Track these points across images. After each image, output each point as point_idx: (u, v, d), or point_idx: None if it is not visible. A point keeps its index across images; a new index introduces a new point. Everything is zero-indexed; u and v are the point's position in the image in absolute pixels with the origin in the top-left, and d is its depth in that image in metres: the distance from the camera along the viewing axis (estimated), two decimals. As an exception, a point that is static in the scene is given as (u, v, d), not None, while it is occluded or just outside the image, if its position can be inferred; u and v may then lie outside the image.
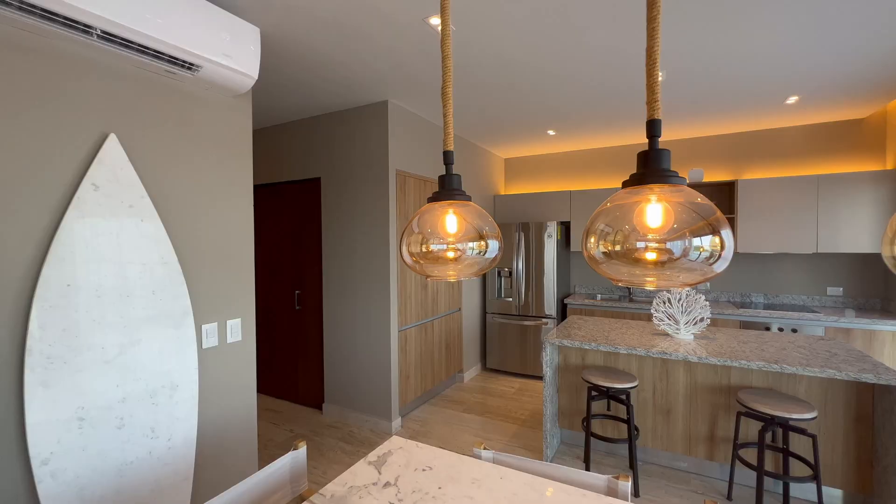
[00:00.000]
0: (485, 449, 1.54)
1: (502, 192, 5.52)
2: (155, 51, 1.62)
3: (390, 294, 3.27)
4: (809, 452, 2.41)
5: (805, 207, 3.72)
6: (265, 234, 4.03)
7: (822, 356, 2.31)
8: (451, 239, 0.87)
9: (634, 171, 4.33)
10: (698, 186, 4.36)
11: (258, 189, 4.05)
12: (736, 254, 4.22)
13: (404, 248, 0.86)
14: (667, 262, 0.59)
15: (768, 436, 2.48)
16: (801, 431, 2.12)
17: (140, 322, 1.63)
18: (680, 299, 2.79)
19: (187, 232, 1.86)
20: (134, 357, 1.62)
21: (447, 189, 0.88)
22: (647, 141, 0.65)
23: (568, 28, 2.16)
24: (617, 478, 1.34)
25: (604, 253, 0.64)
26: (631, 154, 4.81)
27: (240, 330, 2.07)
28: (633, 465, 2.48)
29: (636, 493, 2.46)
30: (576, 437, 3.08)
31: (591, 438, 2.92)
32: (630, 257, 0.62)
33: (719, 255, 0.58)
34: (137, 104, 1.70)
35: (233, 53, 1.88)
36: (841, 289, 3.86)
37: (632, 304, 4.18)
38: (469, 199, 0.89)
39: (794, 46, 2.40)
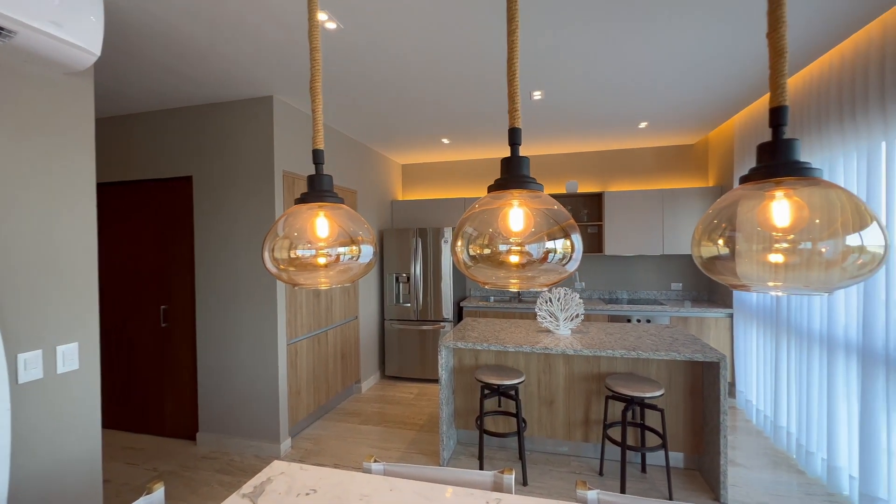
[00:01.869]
0: (375, 462, 1.49)
1: (400, 198, 5.52)
2: (-60, 5, 1.26)
3: (277, 305, 3.02)
4: (659, 424, 2.83)
5: (654, 216, 4.40)
6: (120, 241, 3.43)
7: (666, 341, 2.74)
8: (321, 244, 0.81)
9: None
10: (574, 196, 4.88)
11: (111, 187, 3.43)
12: (604, 256, 4.82)
13: (267, 255, 0.78)
14: (527, 264, 0.63)
15: (629, 414, 2.85)
16: (653, 407, 2.48)
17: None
18: (559, 298, 3.07)
19: (-5, 238, 1.48)
20: None
21: (317, 190, 0.82)
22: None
23: (458, 38, 2.24)
24: (502, 472, 1.40)
25: (472, 257, 0.66)
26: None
27: (76, 356, 1.71)
28: (521, 456, 2.64)
29: (525, 482, 2.62)
30: (471, 436, 3.19)
31: (485, 435, 3.05)
32: (495, 260, 0.64)
33: (570, 257, 0.64)
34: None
35: (64, 22, 1.56)
36: (681, 284, 4.64)
37: (521, 305, 4.49)
38: (342, 201, 0.85)
39: (643, 81, 2.83)
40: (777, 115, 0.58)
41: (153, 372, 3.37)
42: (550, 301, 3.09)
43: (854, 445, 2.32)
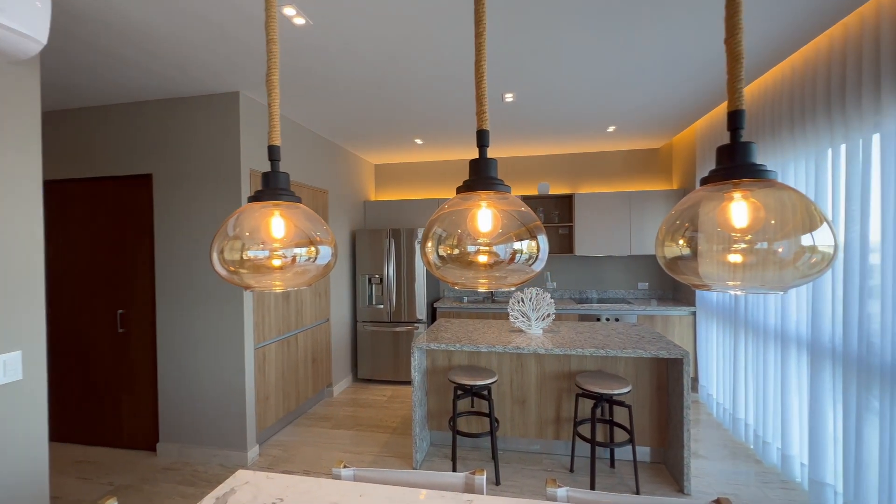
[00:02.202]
0: (345, 467, 1.46)
1: (373, 198, 5.46)
2: None
3: (244, 308, 2.92)
4: (627, 420, 2.91)
5: (622, 218, 4.53)
6: (73, 242, 3.22)
7: (633, 339, 2.82)
8: (276, 245, 0.78)
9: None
10: (546, 197, 4.96)
11: (63, 184, 3.22)
12: (575, 256, 4.92)
13: (216, 256, 0.74)
14: (494, 264, 0.63)
15: (598, 411, 2.91)
16: (621, 404, 2.55)
17: None
18: (531, 298, 3.11)
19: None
20: None
21: (272, 188, 0.79)
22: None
23: (430, 39, 2.23)
24: (473, 473, 1.40)
25: (441, 257, 0.65)
26: (499, 166, 5.22)
27: (19, 366, 1.59)
28: (494, 456, 2.65)
29: (497, 482, 2.64)
30: (445, 437, 3.18)
31: (458, 436, 3.05)
32: (464, 261, 0.64)
33: (537, 257, 0.64)
34: None
35: (5, 6, 1.45)
36: (647, 283, 4.80)
37: (494, 305, 4.53)
38: (299, 200, 0.82)
39: (611, 85, 2.90)
40: (734, 119, 0.60)
41: (109, 380, 3.19)
42: (522, 301, 3.13)
43: (805, 435, 2.46)
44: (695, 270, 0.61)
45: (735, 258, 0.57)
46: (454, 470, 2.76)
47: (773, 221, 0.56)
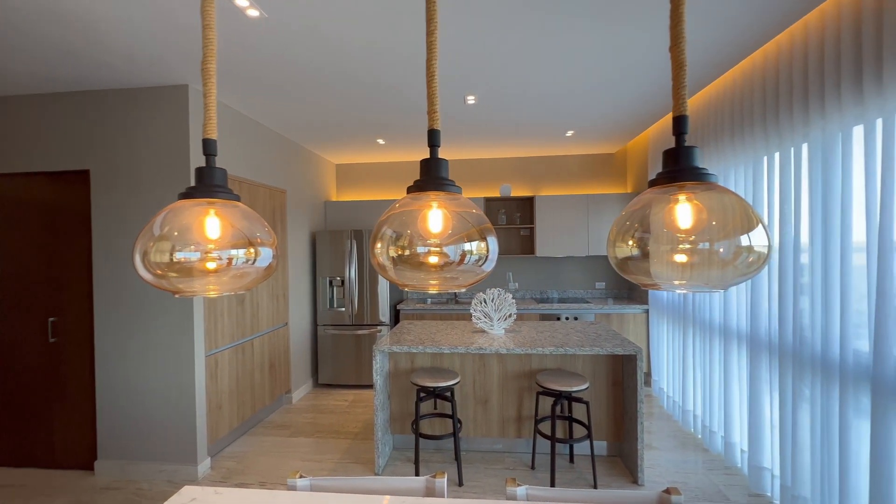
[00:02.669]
0: (301, 477, 1.40)
1: (334, 199, 5.33)
2: None
3: (194, 313, 2.76)
4: (585, 416, 2.99)
5: (580, 220, 4.68)
6: (-5, 243, 2.93)
7: (591, 337, 2.90)
8: (211, 246, 0.73)
9: (461, 183, 4.69)
10: (508, 199, 5.04)
11: (-19, 180, 2.92)
12: (536, 257, 5.03)
13: (138, 258, 0.68)
14: (445, 265, 0.62)
15: (558, 408, 2.98)
16: (579, 400, 2.62)
17: None
18: (493, 299, 3.14)
19: None
20: None
21: (206, 184, 0.74)
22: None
23: (390, 36, 2.20)
24: (434, 476, 1.38)
25: (391, 258, 0.63)
26: (462, 168, 5.24)
27: (-76, 383, 1.41)
28: (457, 457, 2.65)
29: (460, 483, 2.64)
30: (407, 440, 3.14)
31: (421, 439, 3.02)
32: (414, 262, 0.62)
33: (486, 258, 0.64)
34: None
35: None
36: (604, 283, 4.98)
37: (458, 306, 4.54)
38: (237, 198, 0.78)
39: (569, 90, 2.99)
40: (679, 124, 0.62)
41: (39, 394, 2.91)
42: (485, 302, 3.15)
43: (745, 423, 2.63)
44: (644, 270, 0.62)
45: (680, 258, 0.60)
46: (417, 474, 2.73)
47: (714, 223, 0.58)
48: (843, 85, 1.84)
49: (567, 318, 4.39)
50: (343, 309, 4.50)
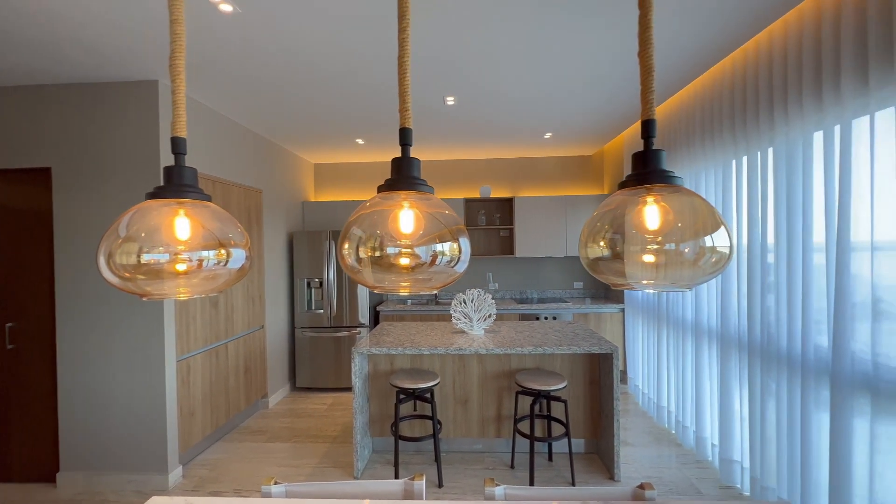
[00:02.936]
0: (276, 484, 1.37)
1: (312, 199, 5.25)
2: None
3: (164, 317, 2.67)
4: (563, 414, 3.03)
5: (559, 221, 4.74)
6: (-54, 245, 2.76)
7: (569, 337, 2.95)
8: (180, 247, 0.71)
9: (441, 184, 4.67)
10: (488, 200, 5.06)
11: (-69, 178, 2.75)
12: (516, 258, 5.07)
13: (103, 260, 0.65)
14: (416, 266, 0.61)
15: (537, 407, 3.01)
16: (557, 399, 2.65)
17: None
18: (473, 299, 3.15)
19: None
20: None
21: (176, 184, 0.72)
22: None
23: (367, 36, 2.18)
24: (413, 479, 1.37)
25: (359, 260, 0.62)
26: (442, 169, 5.24)
27: None
28: (437, 459, 2.65)
29: (440, 484, 2.63)
30: (387, 443, 3.12)
31: (401, 441, 3.00)
32: (385, 263, 0.61)
33: (458, 259, 0.64)
34: None
35: None
36: (582, 283, 5.06)
37: (438, 307, 4.53)
38: (208, 198, 0.75)
39: (548, 97, 3.02)
40: (647, 128, 0.64)
41: (-5, 404, 2.76)
42: (465, 302, 3.16)
43: (716, 418, 2.71)
44: (614, 270, 0.64)
45: (649, 258, 0.61)
46: (396, 476, 2.71)
47: (679, 224, 0.60)
48: (805, 93, 1.92)
49: (546, 318, 4.44)
50: (321, 311, 4.44)
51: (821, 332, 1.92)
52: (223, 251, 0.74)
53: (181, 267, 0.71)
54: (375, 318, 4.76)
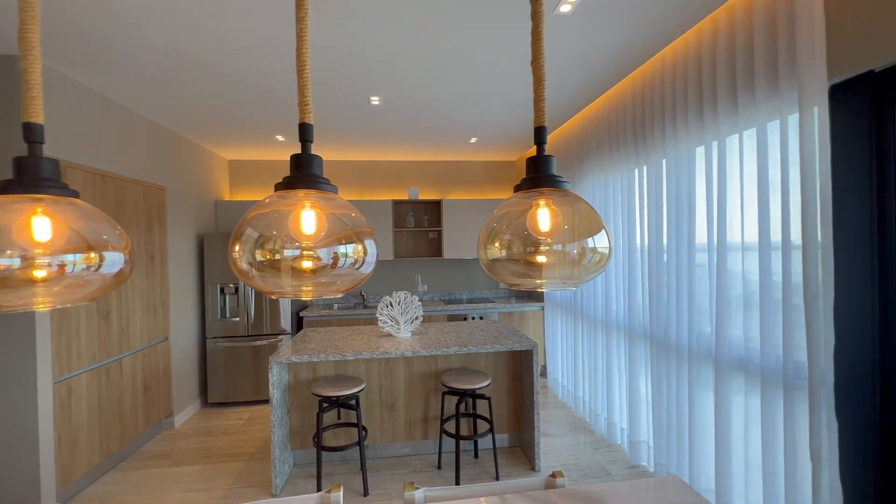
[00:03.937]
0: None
1: (227, 198, 4.86)
2: None
3: (37, 332, 2.29)
4: (488, 411, 3.12)
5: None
6: None
7: (493, 335, 3.04)
8: (38, 251, 0.61)
9: (369, 185, 4.57)
10: (416, 202, 5.07)
11: None
12: (444, 259, 5.13)
13: None
14: (317, 269, 0.59)
15: (462, 406, 3.07)
16: (482, 396, 2.72)
17: None
18: (400, 302, 3.12)
19: None
20: None
21: (31, 178, 0.61)
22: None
23: (281, 25, 2.07)
24: (329, 491, 1.32)
25: (252, 263, 0.58)
26: (370, 169, 5.12)
27: None
28: (363, 467, 2.58)
29: (366, 493, 2.56)
30: (310, 455, 2.97)
31: (325, 452, 2.88)
32: (283, 267, 0.58)
33: (364, 261, 0.62)
34: None
35: None
36: (507, 283, 5.26)
37: (366, 310, 4.43)
38: (75, 194, 0.66)
39: (473, 102, 3.10)
40: (538, 134, 0.67)
41: None
42: (391, 305, 3.12)
43: (625, 404, 2.97)
44: (509, 270, 0.66)
45: (541, 258, 0.64)
46: (319, 489, 2.60)
47: (566, 227, 0.64)
48: (690, 112, 2.18)
49: (473, 318, 4.55)
50: (237, 319, 4.12)
51: (705, 323, 2.19)
52: (93, 255, 0.65)
53: (39, 273, 0.61)
54: (299, 324, 4.53)
